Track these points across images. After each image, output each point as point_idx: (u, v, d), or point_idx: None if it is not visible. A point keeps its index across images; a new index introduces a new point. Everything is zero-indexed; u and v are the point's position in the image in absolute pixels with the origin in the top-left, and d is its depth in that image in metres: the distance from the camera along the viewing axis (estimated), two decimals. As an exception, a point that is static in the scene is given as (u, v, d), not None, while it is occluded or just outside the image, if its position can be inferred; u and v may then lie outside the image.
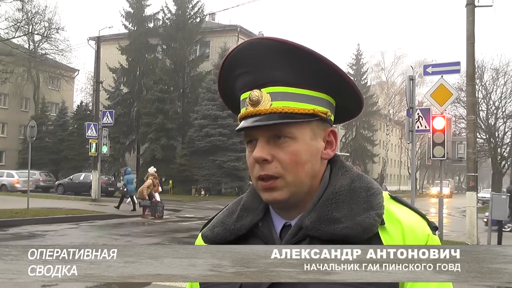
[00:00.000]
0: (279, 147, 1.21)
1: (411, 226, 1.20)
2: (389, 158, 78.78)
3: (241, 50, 1.23)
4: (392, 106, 74.02)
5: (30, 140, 21.12)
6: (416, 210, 1.26)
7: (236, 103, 1.31)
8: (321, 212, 1.20)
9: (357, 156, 66.44)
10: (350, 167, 1.31)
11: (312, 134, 1.23)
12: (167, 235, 16.63)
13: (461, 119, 38.82)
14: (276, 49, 1.20)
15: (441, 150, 15.32)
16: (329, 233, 1.17)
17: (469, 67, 16.40)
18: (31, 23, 43.43)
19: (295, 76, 1.21)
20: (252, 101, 1.22)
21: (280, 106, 1.20)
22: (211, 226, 1.35)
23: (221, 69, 1.30)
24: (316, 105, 1.23)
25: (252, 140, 1.24)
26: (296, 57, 1.20)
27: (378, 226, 1.17)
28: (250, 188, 1.35)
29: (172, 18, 47.26)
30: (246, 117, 1.24)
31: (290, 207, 1.26)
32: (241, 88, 1.26)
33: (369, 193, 1.23)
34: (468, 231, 15.69)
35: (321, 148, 1.26)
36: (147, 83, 46.86)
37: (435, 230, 1.23)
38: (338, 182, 1.26)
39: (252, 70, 1.22)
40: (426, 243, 1.18)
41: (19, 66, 45.13)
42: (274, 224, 1.28)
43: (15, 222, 17.52)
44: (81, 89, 74.79)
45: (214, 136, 40.14)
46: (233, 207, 1.36)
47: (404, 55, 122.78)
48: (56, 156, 49.25)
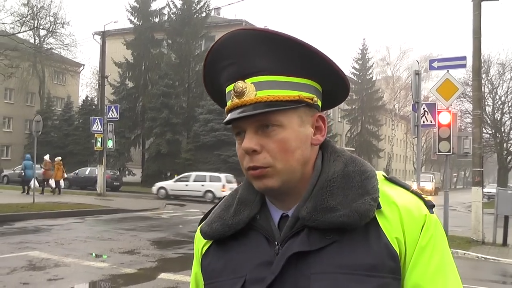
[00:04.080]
0: (267, 136, 1.20)
1: (408, 207, 1.19)
2: (394, 153, 78.64)
3: (223, 42, 1.22)
4: (397, 101, 73.85)
5: (36, 135, 21.17)
6: (412, 190, 1.25)
7: (221, 95, 1.30)
8: (316, 201, 1.19)
9: (362, 151, 66.34)
10: (342, 150, 1.30)
11: (300, 120, 1.22)
12: (172, 229, 16.66)
13: (467, 114, 38.71)
14: (257, 38, 1.19)
15: (446, 145, 15.29)
16: (326, 222, 1.16)
17: (475, 61, 16.35)
18: (36, 18, 43.61)
19: (278, 64, 1.20)
20: (236, 92, 1.21)
21: (265, 95, 1.19)
22: (209, 221, 1.34)
23: (204, 63, 1.29)
24: (301, 91, 1.21)
25: (240, 132, 1.24)
26: (277, 45, 1.19)
27: (374, 211, 1.16)
28: (245, 180, 1.33)
29: (178, 13, 47.24)
30: (232, 109, 1.23)
31: (284, 195, 1.25)
32: (226, 80, 1.25)
33: (363, 177, 1.22)
34: (474, 226, 15.67)
35: (310, 134, 1.24)
36: (153, 78, 46.87)
37: (432, 208, 1.23)
38: (331, 168, 1.24)
39: (235, 62, 1.21)
40: (423, 223, 1.18)
41: (25, 61, 45.21)
42: (271, 216, 1.27)
43: (21, 216, 17.57)
44: (87, 83, 75.35)
45: (219, 130, 40.12)
46: (230, 200, 1.35)
47: (410, 50, 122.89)
48: (62, 150, 49.25)
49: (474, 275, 11.35)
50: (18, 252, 11.24)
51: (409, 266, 1.16)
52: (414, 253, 1.16)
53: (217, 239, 1.31)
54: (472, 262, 13.00)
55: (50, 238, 13.49)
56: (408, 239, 1.16)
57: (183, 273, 9.80)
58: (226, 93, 1.27)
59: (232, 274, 1.25)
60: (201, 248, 1.37)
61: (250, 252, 1.24)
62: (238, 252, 1.27)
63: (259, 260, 1.22)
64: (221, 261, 1.29)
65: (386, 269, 1.13)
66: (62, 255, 11.09)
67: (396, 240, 1.16)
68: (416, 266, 1.16)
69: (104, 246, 12.67)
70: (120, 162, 46.53)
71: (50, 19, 47.76)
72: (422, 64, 37.73)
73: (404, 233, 1.17)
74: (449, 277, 1.18)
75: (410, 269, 1.16)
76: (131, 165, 48.17)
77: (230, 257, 1.28)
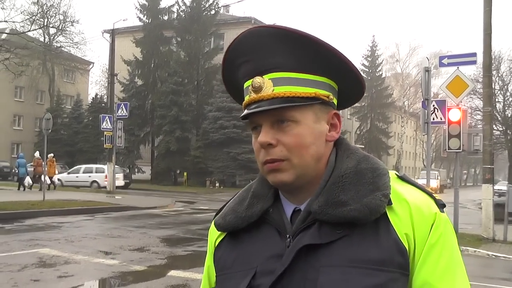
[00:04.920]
0: (282, 131, 1.22)
1: (418, 205, 1.20)
2: (404, 150, 78.48)
3: (242, 39, 1.25)
4: (407, 98, 73.74)
5: (46, 133, 21.27)
6: (423, 188, 1.26)
7: (241, 93, 1.33)
8: (328, 195, 1.21)
9: (371, 148, 66.20)
10: (356, 148, 1.32)
11: (315, 117, 1.24)
12: (181, 226, 16.68)
13: (477, 110, 38.56)
14: (276, 36, 1.21)
15: (456, 142, 15.21)
16: (337, 216, 1.17)
17: (485, 58, 16.25)
18: (46, 16, 43.67)
19: (296, 61, 1.22)
20: (254, 87, 1.23)
21: (282, 90, 1.21)
22: (223, 214, 1.37)
23: (223, 60, 1.32)
24: (317, 89, 1.24)
25: (256, 127, 1.26)
26: (296, 42, 1.21)
27: (385, 206, 1.18)
28: (259, 175, 1.36)
29: (187, 11, 47.29)
30: (249, 104, 1.25)
31: (297, 190, 1.27)
32: (244, 76, 1.28)
33: (375, 174, 1.23)
34: (484, 223, 15.59)
35: (325, 131, 1.26)
36: (162, 76, 46.96)
37: (442, 208, 1.24)
38: (344, 164, 1.26)
39: (253, 58, 1.24)
40: (433, 221, 1.19)
41: (35, 59, 45.41)
42: (284, 209, 1.29)
43: (32, 213, 17.68)
44: (96, 81, 75.59)
45: (228, 128, 40.15)
46: (244, 194, 1.38)
47: (419, 46, 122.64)
48: (71, 148, 49.55)
49: (484, 273, 11.30)
50: (28, 249, 11.30)
51: (418, 263, 1.17)
52: (423, 251, 1.17)
53: (230, 231, 1.33)
54: (483, 260, 12.94)
55: (60, 236, 13.55)
56: (417, 236, 1.18)
57: (192, 271, 9.81)
58: (244, 88, 1.29)
59: (244, 265, 1.27)
60: (214, 241, 1.40)
61: (261, 245, 1.26)
62: (250, 244, 1.29)
63: (270, 252, 1.24)
64: (234, 253, 1.31)
65: (394, 264, 1.14)
66: (72, 252, 11.13)
67: (405, 236, 1.17)
68: (425, 263, 1.17)
69: (113, 243, 12.70)
70: (129, 159, 46.69)
71: (60, 18, 47.93)
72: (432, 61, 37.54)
73: (413, 229, 1.18)
74: (457, 276, 1.19)
75: (419, 266, 1.17)
76: (140, 163, 48.31)
77: (242, 249, 1.30)
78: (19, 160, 29.52)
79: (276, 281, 1.18)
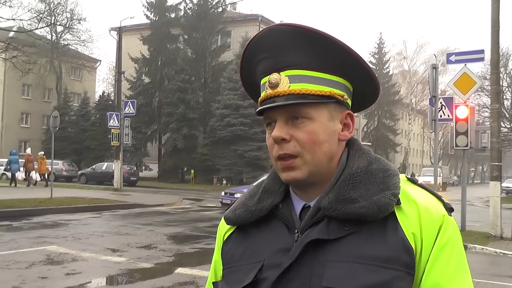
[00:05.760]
0: (297, 127, 1.24)
1: (427, 206, 1.21)
2: (411, 147, 78.32)
3: (261, 36, 1.27)
4: (414, 95, 73.54)
5: (53, 130, 21.33)
6: (432, 191, 1.28)
7: (257, 89, 1.34)
8: (338, 192, 1.22)
9: (379, 145, 66.09)
10: (368, 150, 1.34)
11: (329, 115, 1.26)
12: (189, 224, 16.71)
13: (484, 108, 38.40)
14: (295, 34, 1.23)
15: (464, 139, 15.17)
16: (346, 212, 1.19)
17: (493, 55, 16.17)
18: (53, 14, 43.85)
19: (313, 60, 1.24)
20: (271, 83, 1.25)
21: (298, 88, 1.23)
22: (233, 208, 1.39)
23: (242, 56, 1.33)
24: (333, 88, 1.26)
25: (271, 122, 1.27)
26: (314, 41, 1.23)
27: (393, 205, 1.19)
28: (271, 171, 1.38)
29: (194, 8, 47.30)
30: (265, 100, 1.27)
31: (308, 187, 1.28)
32: (261, 73, 1.29)
33: (385, 174, 1.25)
34: (492, 221, 15.53)
35: (338, 129, 1.28)
36: (169, 73, 47.00)
37: (450, 212, 1.25)
38: (355, 164, 1.28)
39: (272, 55, 1.25)
40: (442, 223, 1.20)
41: (42, 57, 45.47)
42: (294, 205, 1.31)
43: (39, 211, 17.75)
44: (103, 79, 75.64)
45: (235, 125, 40.15)
46: (255, 189, 1.40)
47: (427, 44, 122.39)
48: (79, 146, 49.68)
49: (492, 270, 11.27)
50: (36, 247, 11.34)
51: (427, 265, 1.18)
52: (432, 251, 1.18)
53: (239, 224, 1.36)
54: (490, 257, 12.90)
55: (68, 233, 13.60)
56: (425, 236, 1.18)
57: (199, 268, 9.82)
58: (261, 85, 1.31)
59: (251, 259, 1.28)
60: (223, 235, 1.42)
61: (270, 239, 1.28)
62: (259, 238, 1.31)
63: (278, 246, 1.25)
64: (241, 247, 1.33)
65: (400, 263, 1.15)
66: (80, 249, 11.17)
67: (412, 235, 1.18)
68: (435, 265, 1.18)
69: (121, 241, 12.73)
70: (136, 157, 46.79)
71: (67, 15, 48.15)
72: (439, 58, 37.46)
73: (421, 230, 1.19)
74: (466, 279, 1.20)
75: (428, 268, 1.18)
76: (147, 160, 48.41)
77: (250, 243, 1.32)
78: (11, 157, 30.57)
79: (283, 274, 1.20)
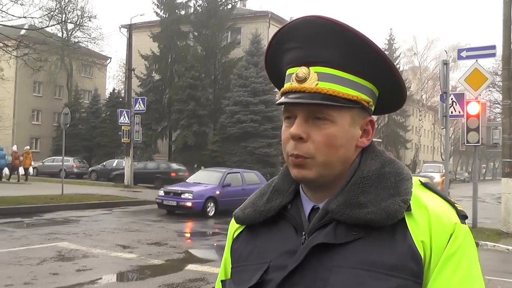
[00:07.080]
0: (316, 127, 1.20)
1: (438, 213, 1.18)
2: (421, 144, 77.98)
3: (295, 25, 1.23)
4: (425, 91, 73.16)
5: (64, 127, 21.44)
6: (446, 197, 1.24)
7: (280, 76, 1.32)
8: (347, 196, 1.20)
9: (389, 142, 65.86)
10: (382, 152, 1.30)
11: (351, 120, 1.23)
12: (199, 221, 16.74)
13: (496, 104, 38.16)
14: (330, 29, 1.19)
15: (475, 136, 15.11)
16: (354, 217, 1.17)
17: (505, 50, 16.08)
18: (64, 12, 44.03)
19: (345, 59, 1.20)
20: (299, 77, 1.21)
21: (326, 87, 1.19)
22: (243, 207, 1.38)
23: (271, 40, 1.29)
24: (360, 93, 1.23)
25: (290, 117, 1.24)
26: (348, 40, 1.19)
27: (403, 212, 1.16)
28: (282, 170, 1.37)
29: (204, 5, 47.25)
30: (289, 92, 1.24)
31: (319, 188, 1.26)
32: (289, 62, 1.26)
33: (398, 178, 1.22)
34: (504, 218, 15.46)
35: (357, 136, 1.26)
36: (179, 70, 47.00)
37: (464, 219, 1.21)
38: (367, 166, 1.25)
39: (303, 46, 1.22)
40: (452, 231, 1.16)
41: (53, 55, 45.65)
42: (303, 207, 1.29)
43: (50, 207, 17.87)
44: (113, 76, 75.95)
45: (245, 122, 40.10)
46: (265, 188, 1.38)
47: (437, 39, 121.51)
48: (89, 142, 49.84)
49: (503, 267, 11.23)
50: (47, 243, 11.41)
51: (433, 274, 1.14)
52: (440, 261, 1.14)
53: (248, 224, 1.35)
54: (502, 254, 12.84)
55: (79, 229, 13.66)
56: (434, 244, 1.15)
57: (210, 265, 9.85)
58: (286, 75, 1.27)
59: (258, 259, 1.27)
60: (233, 233, 1.41)
61: (277, 240, 1.27)
62: (266, 239, 1.29)
63: (285, 248, 1.24)
64: (249, 247, 1.32)
65: (407, 271, 1.12)
66: (91, 246, 11.22)
67: (422, 243, 1.15)
68: (441, 274, 1.13)
69: (131, 237, 12.78)
70: (147, 154, 46.83)
71: (78, 13, 48.26)
72: (450, 53, 37.28)
73: (431, 237, 1.15)
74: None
75: (434, 277, 1.14)
76: (158, 157, 48.46)
77: (258, 243, 1.30)
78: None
79: (287, 277, 1.18)
